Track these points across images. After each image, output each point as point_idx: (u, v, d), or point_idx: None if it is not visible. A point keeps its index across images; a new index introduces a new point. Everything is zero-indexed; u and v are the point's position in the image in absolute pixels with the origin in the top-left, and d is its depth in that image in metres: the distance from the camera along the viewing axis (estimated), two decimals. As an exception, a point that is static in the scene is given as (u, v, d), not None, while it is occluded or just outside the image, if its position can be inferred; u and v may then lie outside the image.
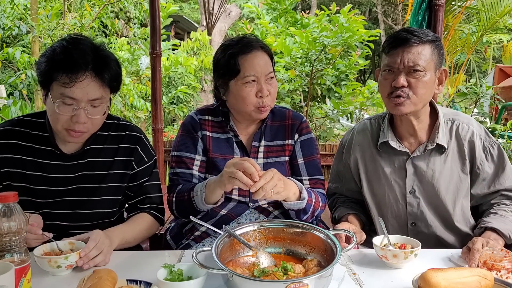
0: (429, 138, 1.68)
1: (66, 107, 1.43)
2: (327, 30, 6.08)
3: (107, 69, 1.46)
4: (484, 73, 14.83)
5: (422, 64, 1.54)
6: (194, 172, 1.71)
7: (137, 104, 7.15)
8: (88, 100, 1.43)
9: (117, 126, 1.68)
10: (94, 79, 1.43)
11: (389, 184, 1.73)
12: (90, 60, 1.42)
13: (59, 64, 1.41)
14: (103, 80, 1.45)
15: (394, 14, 20.22)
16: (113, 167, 1.63)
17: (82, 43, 1.45)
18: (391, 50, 1.58)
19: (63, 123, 1.45)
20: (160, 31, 3.48)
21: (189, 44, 10.28)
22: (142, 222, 1.65)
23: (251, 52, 1.63)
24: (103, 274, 1.14)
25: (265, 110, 1.66)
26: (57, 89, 1.42)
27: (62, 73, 1.39)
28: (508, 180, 1.66)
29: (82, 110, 1.43)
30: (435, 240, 1.70)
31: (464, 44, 7.46)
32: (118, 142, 1.65)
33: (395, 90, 1.57)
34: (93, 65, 1.42)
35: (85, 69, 1.41)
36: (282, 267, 1.24)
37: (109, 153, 1.63)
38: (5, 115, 4.40)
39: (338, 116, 6.18)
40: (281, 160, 1.75)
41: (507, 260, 1.27)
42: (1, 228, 1.08)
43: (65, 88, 1.40)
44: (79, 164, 1.59)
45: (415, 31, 1.56)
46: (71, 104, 1.42)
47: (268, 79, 1.65)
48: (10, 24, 6.57)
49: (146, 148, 1.70)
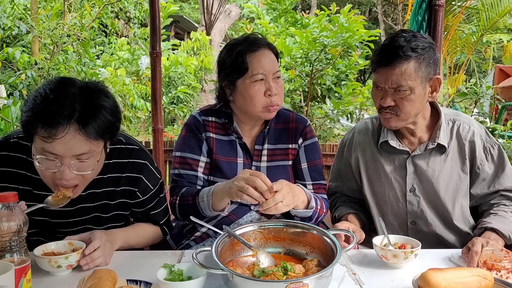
0: (430, 138, 1.69)
1: (49, 163, 1.26)
2: (327, 30, 6.09)
3: (94, 121, 1.25)
4: (484, 73, 14.83)
5: (407, 84, 1.53)
6: (199, 174, 1.68)
7: (137, 104, 7.16)
8: (72, 155, 1.26)
9: (119, 152, 1.52)
10: (79, 133, 1.23)
11: (389, 182, 1.73)
12: (74, 111, 1.22)
13: (38, 116, 1.22)
14: (89, 134, 1.24)
15: (394, 14, 20.23)
16: (115, 197, 1.53)
17: (68, 90, 1.25)
18: (377, 68, 1.59)
19: (50, 178, 1.30)
20: (160, 31, 3.47)
21: (189, 44, 10.29)
22: (148, 230, 1.62)
23: (258, 50, 1.60)
24: (103, 274, 1.14)
25: (273, 110, 1.63)
26: (39, 143, 1.25)
27: (41, 127, 1.21)
28: (508, 181, 1.67)
29: (66, 167, 1.26)
30: (435, 239, 1.70)
31: (464, 44, 7.46)
32: (121, 171, 1.51)
33: (383, 108, 1.60)
34: (79, 116, 1.23)
35: (67, 123, 1.21)
36: (282, 267, 1.24)
37: (111, 182, 1.50)
38: (5, 115, 4.40)
39: (338, 116, 6.18)
40: (284, 164, 1.74)
41: (507, 260, 1.27)
42: (1, 228, 1.08)
43: (45, 143, 1.22)
44: (79, 197, 1.43)
45: (400, 47, 1.52)
46: (53, 160, 1.25)
47: (275, 78, 1.63)
48: (10, 24, 6.58)
49: (151, 175, 1.57)
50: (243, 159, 1.71)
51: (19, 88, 5.72)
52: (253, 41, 1.63)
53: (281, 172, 1.72)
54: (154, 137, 3.60)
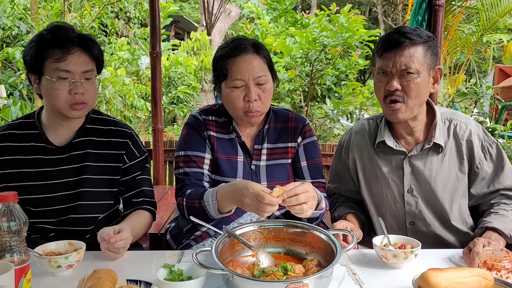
0: (426, 138, 1.68)
1: (62, 82, 1.51)
2: (327, 30, 6.08)
3: (92, 44, 1.58)
4: (484, 73, 14.83)
5: (415, 67, 1.53)
6: (205, 171, 1.68)
7: (137, 104, 7.16)
8: (82, 72, 1.53)
9: (107, 121, 1.73)
10: (84, 52, 1.54)
11: (387, 183, 1.73)
12: (76, 36, 1.54)
13: (50, 42, 1.51)
14: (91, 53, 1.56)
15: (394, 14, 20.23)
16: (105, 159, 1.67)
17: (64, 27, 1.57)
18: (384, 53, 1.58)
19: (64, 99, 1.52)
20: (160, 31, 3.47)
21: (189, 44, 10.29)
22: (140, 220, 1.68)
23: (239, 55, 1.58)
24: (103, 274, 1.14)
25: (253, 115, 1.61)
26: (51, 65, 1.50)
27: (54, 49, 1.49)
28: (507, 179, 1.66)
29: (78, 82, 1.52)
30: (434, 239, 1.70)
31: (464, 44, 7.46)
32: (108, 136, 1.69)
33: (390, 94, 1.58)
34: (79, 40, 1.54)
35: (75, 43, 1.52)
36: (282, 267, 1.24)
37: (100, 145, 1.67)
38: (5, 115, 4.40)
39: (338, 116, 6.18)
40: (284, 163, 1.74)
41: (507, 260, 1.27)
42: (1, 228, 1.08)
43: (59, 62, 1.49)
44: (72, 156, 1.62)
45: (407, 33, 1.55)
46: (66, 78, 1.51)
47: (258, 84, 1.59)
48: (10, 24, 6.58)
49: (137, 144, 1.74)
50: (243, 158, 1.71)
51: (19, 88, 5.72)
52: (236, 46, 1.61)
53: (280, 170, 1.72)
54: (154, 137, 3.60)
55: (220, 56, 1.61)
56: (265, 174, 1.71)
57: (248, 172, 1.70)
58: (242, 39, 1.64)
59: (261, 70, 1.60)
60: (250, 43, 1.62)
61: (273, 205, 1.29)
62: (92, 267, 1.23)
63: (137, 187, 1.72)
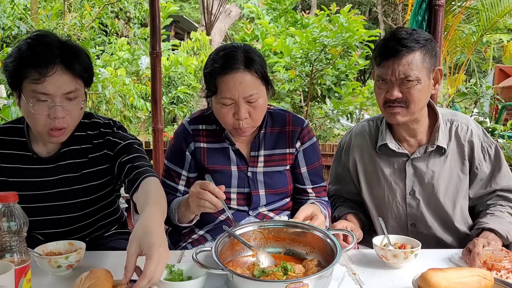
0: (429, 140, 1.68)
1: (41, 105, 1.37)
2: (327, 30, 6.09)
3: (77, 60, 1.40)
4: (484, 73, 14.82)
5: (414, 74, 1.52)
6: (179, 187, 1.67)
7: (137, 104, 7.15)
8: (63, 94, 1.38)
9: (95, 125, 1.60)
10: (65, 72, 1.38)
11: (389, 185, 1.73)
12: (57, 53, 1.37)
13: (27, 60, 1.35)
14: (74, 71, 1.39)
15: (394, 14, 20.22)
16: (93, 164, 1.57)
17: (47, 38, 1.40)
18: (381, 62, 1.56)
19: (43, 123, 1.40)
20: (160, 31, 3.47)
21: (189, 44, 10.28)
22: (156, 188, 1.37)
23: (229, 73, 1.47)
24: (101, 274, 1.14)
25: (243, 133, 1.56)
26: (29, 87, 1.36)
27: (31, 69, 1.34)
28: (504, 180, 1.66)
29: (58, 106, 1.38)
30: (434, 241, 1.70)
31: (464, 44, 7.45)
32: (91, 140, 1.58)
33: (391, 101, 1.57)
34: (62, 57, 1.37)
35: (54, 62, 1.35)
36: (282, 267, 1.24)
37: (87, 152, 1.57)
38: (5, 115, 4.39)
39: (338, 116, 6.18)
40: (282, 170, 1.69)
41: (507, 260, 1.27)
42: (1, 228, 1.08)
43: (37, 84, 1.34)
44: (59, 167, 1.54)
45: (403, 39, 1.52)
46: (45, 100, 1.37)
47: (249, 102, 1.51)
48: (10, 24, 6.57)
49: (118, 134, 1.60)
50: (237, 166, 1.66)
51: (19, 88, 5.70)
52: (227, 61, 1.48)
53: (278, 177, 1.68)
54: (154, 137, 3.60)
55: (209, 72, 1.52)
56: (262, 181, 1.67)
57: (244, 180, 1.66)
58: (233, 52, 1.50)
59: (252, 89, 1.50)
60: (241, 58, 1.49)
61: (208, 185, 1.36)
62: (92, 267, 1.23)
63: (130, 162, 1.51)
